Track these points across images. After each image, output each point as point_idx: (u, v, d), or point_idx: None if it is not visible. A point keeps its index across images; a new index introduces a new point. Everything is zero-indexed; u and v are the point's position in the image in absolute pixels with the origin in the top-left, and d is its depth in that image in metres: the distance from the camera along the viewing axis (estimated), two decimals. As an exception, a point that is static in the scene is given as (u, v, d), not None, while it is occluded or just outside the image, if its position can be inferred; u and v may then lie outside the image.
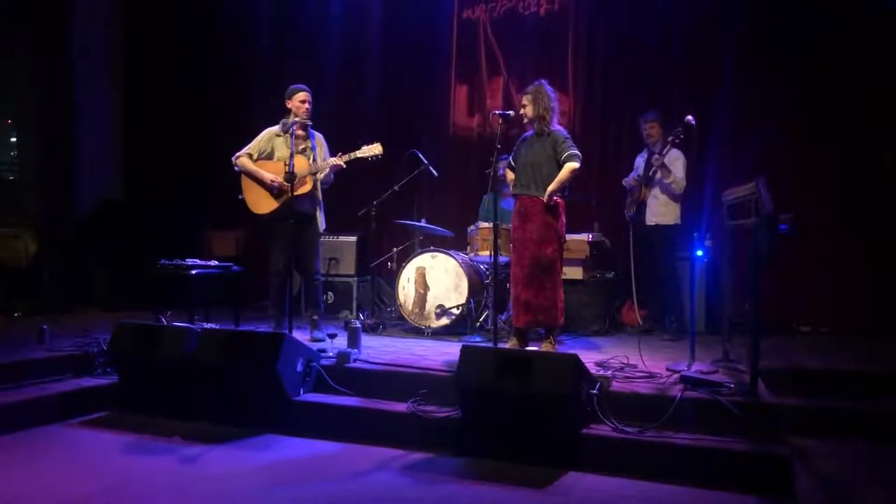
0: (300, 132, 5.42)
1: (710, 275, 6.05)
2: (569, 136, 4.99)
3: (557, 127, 5.01)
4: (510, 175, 5.21)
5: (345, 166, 5.38)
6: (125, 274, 7.57)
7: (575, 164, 4.83)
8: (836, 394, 4.14)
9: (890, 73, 6.21)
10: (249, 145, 5.52)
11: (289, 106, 5.44)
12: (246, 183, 5.51)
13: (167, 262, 5.58)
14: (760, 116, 6.47)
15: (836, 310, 6.32)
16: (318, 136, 5.59)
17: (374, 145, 5.36)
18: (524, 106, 4.99)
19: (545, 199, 4.82)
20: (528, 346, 5.02)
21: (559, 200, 4.92)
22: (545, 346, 4.94)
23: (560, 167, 4.86)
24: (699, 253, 4.85)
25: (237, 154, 5.49)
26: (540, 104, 4.92)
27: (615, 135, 7.18)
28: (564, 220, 5.00)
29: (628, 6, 7.21)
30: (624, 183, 6.32)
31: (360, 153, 5.38)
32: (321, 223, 5.57)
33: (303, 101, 5.39)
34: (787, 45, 6.47)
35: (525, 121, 5.03)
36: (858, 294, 6.22)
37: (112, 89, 8.76)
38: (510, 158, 5.20)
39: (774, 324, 6.06)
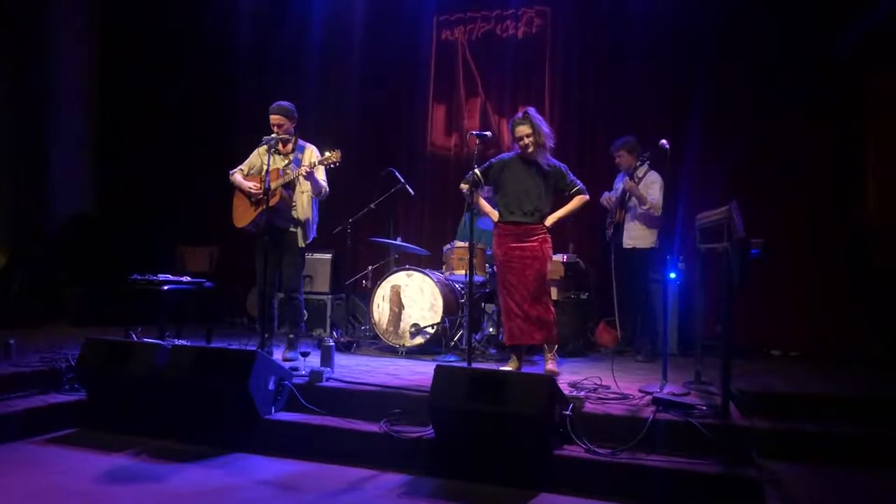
0: (281, 147, 5.43)
1: (682, 297, 6.11)
2: (566, 167, 5.11)
3: (552, 159, 5.05)
4: (464, 188, 5.11)
5: (304, 174, 5.31)
6: (95, 289, 7.48)
7: (587, 197, 5.08)
8: (805, 417, 4.17)
9: (853, 103, 6.37)
10: (244, 162, 5.57)
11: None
12: (235, 198, 5.53)
13: (138, 277, 5.52)
14: (732, 143, 6.58)
15: (805, 334, 6.41)
16: (309, 149, 5.53)
17: (334, 152, 5.27)
18: (528, 135, 4.90)
19: (548, 224, 4.97)
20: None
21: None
22: (550, 364, 4.98)
23: (560, 198, 5.04)
24: (672, 275, 4.89)
25: (232, 171, 5.53)
26: (540, 133, 4.92)
27: (591, 158, 7.26)
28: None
29: (604, 32, 7.34)
30: (601, 202, 6.36)
31: (318, 161, 5.33)
32: (301, 239, 5.48)
33: (272, 124, 5.38)
34: (756, 75, 6.62)
35: (530, 149, 4.93)
36: (827, 318, 6.31)
37: (86, 105, 8.69)
38: (479, 173, 5.02)
39: (746, 347, 6.13)
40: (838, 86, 6.42)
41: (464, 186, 5.14)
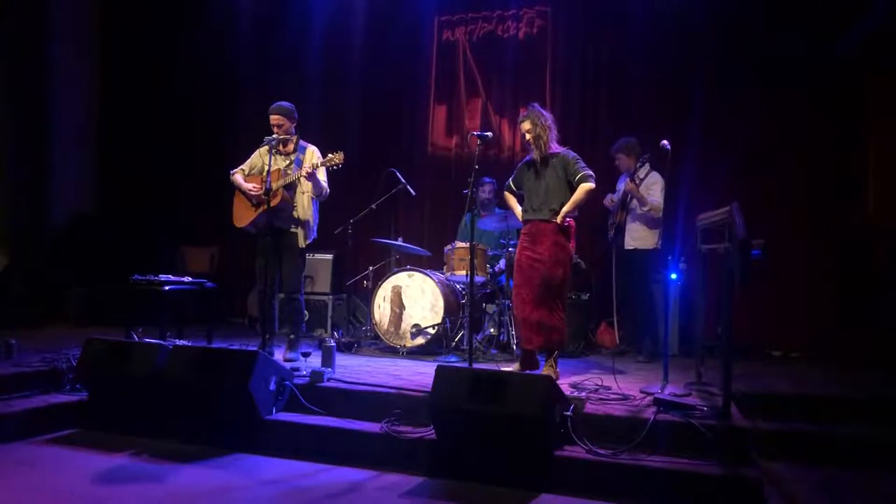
0: (282, 147, 5.43)
1: (683, 298, 6.10)
2: (578, 156, 4.98)
3: (563, 148, 5.00)
4: (511, 199, 5.21)
5: (306, 176, 5.31)
6: (97, 289, 7.47)
7: (591, 185, 4.84)
8: (806, 418, 4.18)
9: (853, 103, 6.36)
10: (245, 162, 5.57)
11: None
12: (236, 198, 5.53)
13: (140, 277, 5.52)
14: (732, 143, 6.59)
15: (806, 334, 6.41)
16: (310, 150, 5.53)
17: (336, 154, 5.27)
18: (528, 131, 4.93)
19: (559, 219, 4.82)
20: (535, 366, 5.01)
21: (571, 222, 4.92)
22: (547, 369, 4.90)
23: (572, 188, 4.88)
24: (673, 276, 4.89)
25: (233, 171, 5.52)
26: (538, 125, 4.91)
27: (591, 158, 7.16)
28: (574, 242, 5.00)
29: (605, 33, 7.34)
30: (605, 203, 6.38)
31: (320, 162, 5.34)
32: (301, 239, 5.48)
33: (272, 124, 5.39)
34: (757, 75, 6.62)
35: (532, 145, 4.97)
36: (828, 319, 6.31)
37: (87, 105, 8.69)
38: (510, 181, 5.17)
39: (746, 348, 6.12)
40: (838, 86, 6.41)
41: (507, 195, 5.21)
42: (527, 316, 4.87)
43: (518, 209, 5.20)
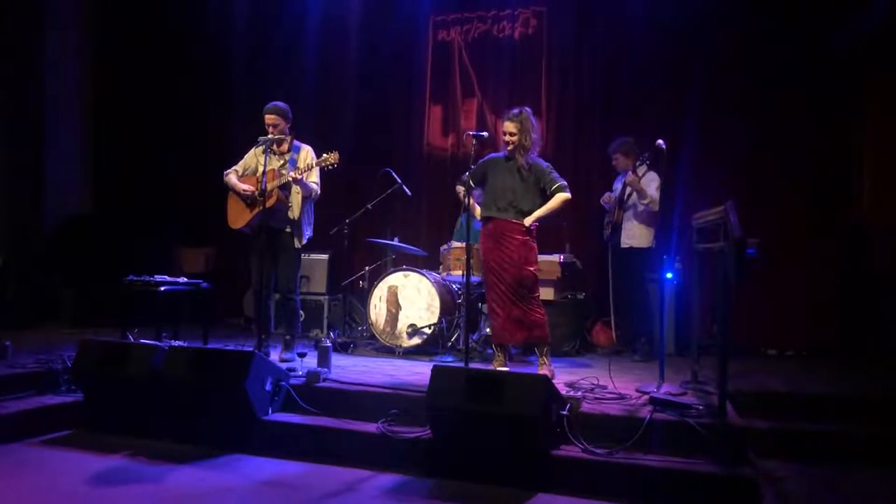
0: (276, 147, 5.42)
1: (679, 297, 6.12)
2: (550, 165, 5.03)
3: (536, 158, 5.01)
4: (461, 190, 5.13)
5: (301, 176, 5.30)
6: (92, 290, 7.45)
7: (568, 195, 4.92)
8: (802, 417, 4.18)
9: (852, 104, 6.38)
10: (239, 163, 5.55)
11: None
12: (230, 200, 5.51)
13: (135, 278, 5.51)
14: (730, 143, 6.59)
15: (802, 333, 6.41)
16: (304, 150, 5.53)
17: (332, 154, 5.26)
18: (511, 133, 4.93)
19: (527, 222, 4.87)
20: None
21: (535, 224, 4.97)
22: (541, 367, 4.92)
23: (544, 195, 4.92)
24: (669, 275, 4.90)
25: (226, 172, 5.50)
26: (526, 133, 4.91)
27: (586, 158, 7.25)
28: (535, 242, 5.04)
29: (601, 32, 7.33)
30: (602, 202, 6.39)
31: (314, 162, 5.34)
32: (297, 240, 5.48)
33: (267, 124, 5.38)
34: (755, 75, 6.62)
35: (509, 147, 4.96)
36: (824, 318, 6.32)
37: (83, 106, 8.66)
38: (468, 177, 5.03)
39: (742, 346, 6.12)
40: (838, 86, 6.41)
41: (459, 189, 5.17)
42: (507, 314, 4.90)
43: (477, 206, 5.18)
